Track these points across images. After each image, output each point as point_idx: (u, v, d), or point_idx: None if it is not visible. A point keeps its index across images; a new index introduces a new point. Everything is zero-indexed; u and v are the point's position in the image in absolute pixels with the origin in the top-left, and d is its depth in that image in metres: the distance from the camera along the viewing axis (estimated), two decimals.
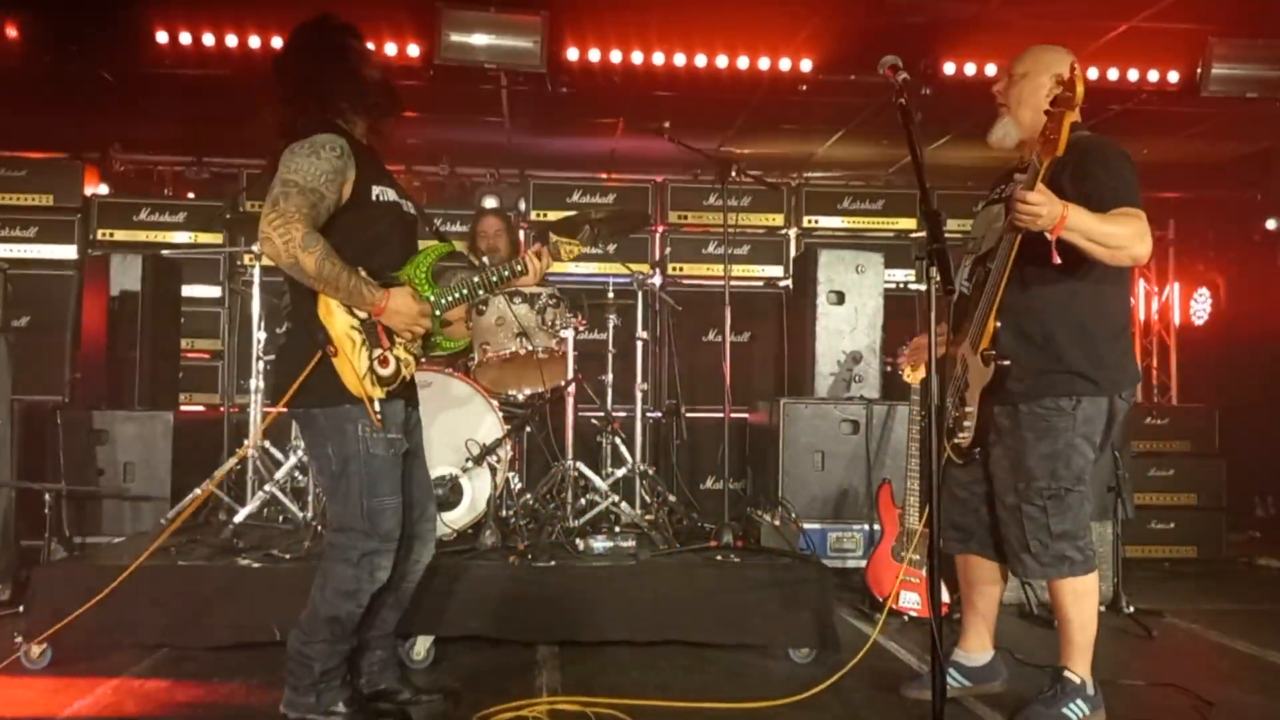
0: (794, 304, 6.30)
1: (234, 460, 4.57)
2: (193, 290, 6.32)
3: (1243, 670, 3.85)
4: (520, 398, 4.54)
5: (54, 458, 4.85)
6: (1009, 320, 2.92)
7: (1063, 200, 2.69)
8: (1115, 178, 2.83)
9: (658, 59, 5.51)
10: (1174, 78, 5.67)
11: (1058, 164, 2.72)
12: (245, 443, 4.60)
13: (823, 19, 5.22)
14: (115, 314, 5.38)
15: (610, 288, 4.84)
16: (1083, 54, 5.44)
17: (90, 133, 6.76)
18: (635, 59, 5.50)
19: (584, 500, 4.47)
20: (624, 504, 4.47)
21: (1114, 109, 5.99)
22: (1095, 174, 2.79)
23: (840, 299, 5.51)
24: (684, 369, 5.92)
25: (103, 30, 5.29)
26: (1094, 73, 5.62)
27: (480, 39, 5.21)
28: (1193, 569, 5.73)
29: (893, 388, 5.31)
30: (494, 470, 4.09)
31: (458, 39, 5.19)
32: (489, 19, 5.15)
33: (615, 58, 5.48)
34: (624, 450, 4.80)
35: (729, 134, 6.76)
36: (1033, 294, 2.92)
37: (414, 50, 5.35)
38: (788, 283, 6.88)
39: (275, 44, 5.24)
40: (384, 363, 2.76)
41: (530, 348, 4.34)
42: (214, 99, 5.85)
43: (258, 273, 4.80)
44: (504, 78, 5.54)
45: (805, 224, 7.24)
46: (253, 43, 5.28)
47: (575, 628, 3.70)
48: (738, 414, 5.71)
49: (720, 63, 5.55)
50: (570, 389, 4.43)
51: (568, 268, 6.80)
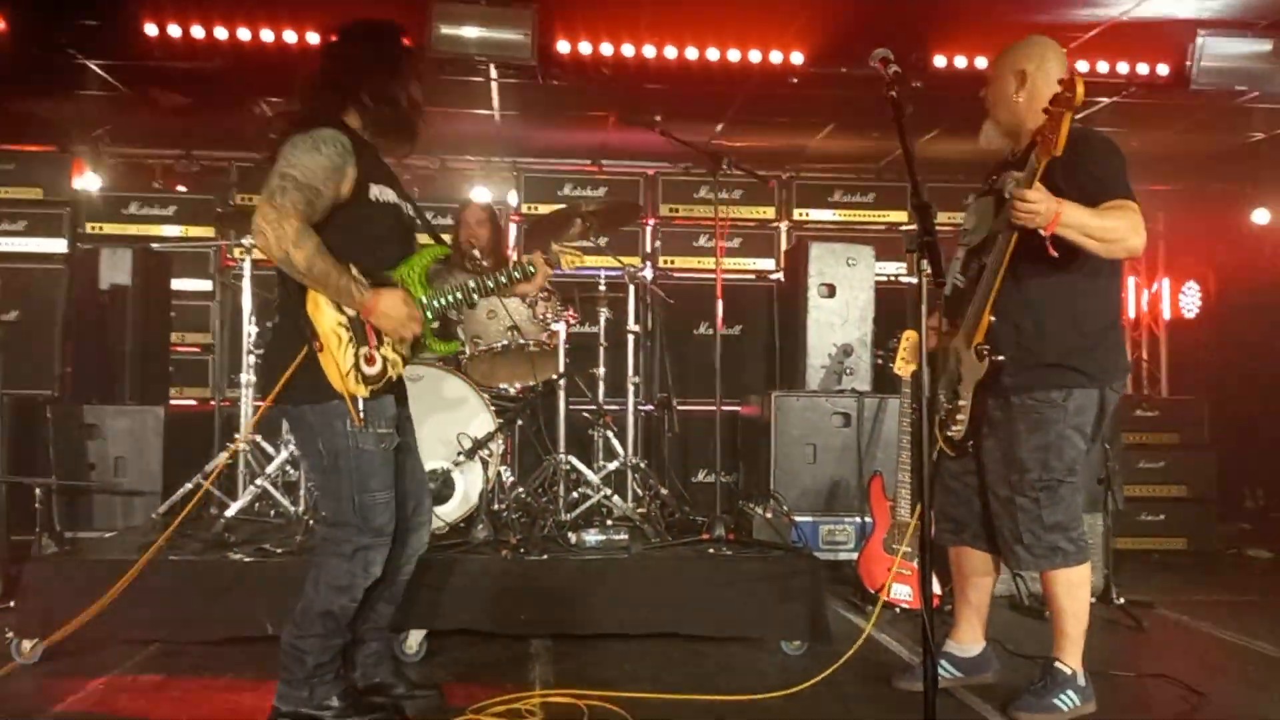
0: (785, 297, 6.30)
1: (226, 455, 4.56)
2: (183, 284, 6.30)
3: (1233, 661, 3.88)
4: (512, 391, 4.54)
5: (44, 452, 4.83)
6: (1002, 314, 2.93)
7: (1057, 197, 2.71)
8: (1106, 170, 2.85)
9: (648, 51, 5.49)
10: (1163, 71, 5.68)
11: (1027, 150, 2.78)
12: (236, 437, 4.59)
13: (813, 11, 5.21)
14: (105, 308, 5.37)
15: (601, 281, 4.83)
16: (1072, 47, 5.51)
17: (79, 126, 6.72)
18: (626, 51, 5.48)
19: (576, 494, 4.47)
20: (616, 497, 4.48)
21: (1103, 101, 6.00)
22: (1086, 167, 2.81)
23: (831, 292, 5.52)
24: (675, 362, 5.91)
25: (92, 22, 5.26)
26: (1084, 65, 5.62)
27: (471, 31, 5.18)
28: (1183, 560, 5.76)
29: (884, 381, 5.32)
30: (486, 464, 4.08)
31: (448, 31, 5.17)
32: (480, 11, 5.13)
33: (606, 50, 5.47)
34: (616, 443, 4.80)
35: (720, 127, 6.75)
36: (1026, 288, 2.93)
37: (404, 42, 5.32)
38: (779, 276, 6.88)
39: (265, 37, 5.22)
40: (370, 361, 2.74)
41: (522, 341, 4.34)
42: (204, 92, 5.83)
43: (248, 266, 4.77)
44: (494, 70, 5.52)
45: (796, 217, 7.24)
46: (242, 35, 5.25)
47: (568, 621, 3.70)
48: (729, 407, 5.71)
49: (711, 55, 5.53)
50: (561, 382, 4.43)
51: None
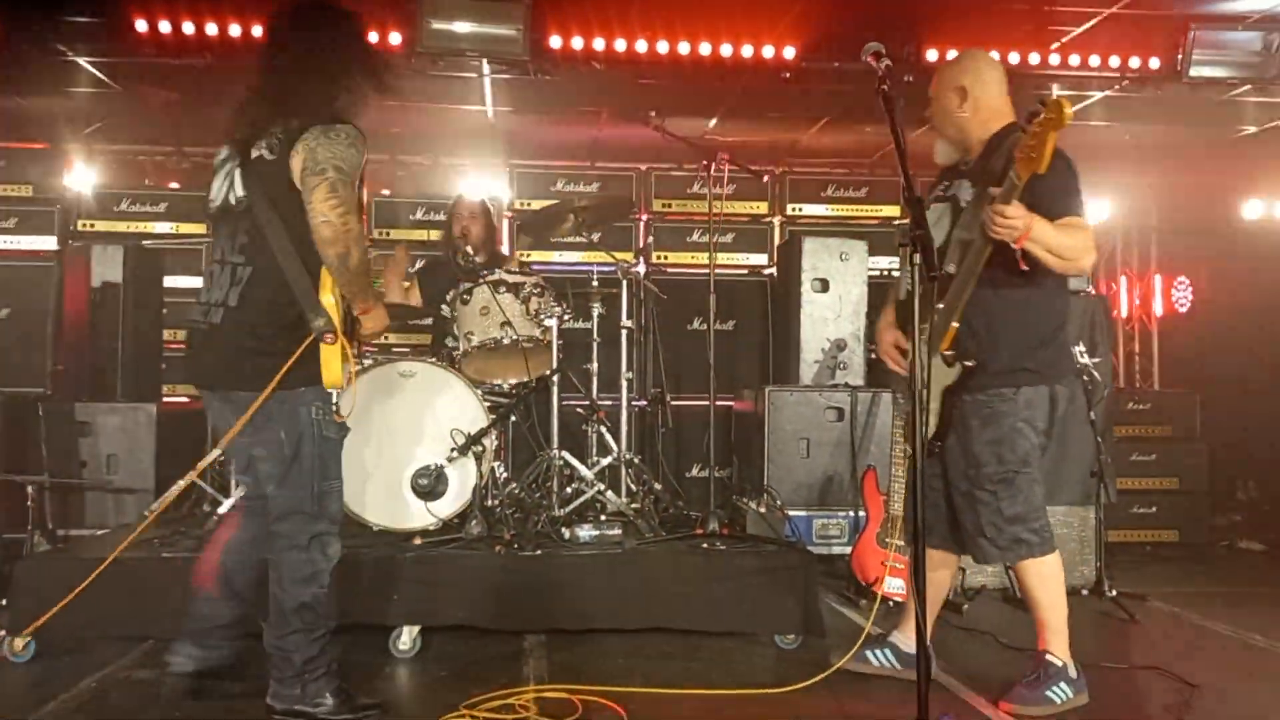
0: (779, 292, 6.30)
1: (217, 451, 4.54)
2: (175, 281, 6.26)
3: (1225, 652, 3.90)
4: (505, 387, 4.53)
5: (36, 450, 4.82)
6: (961, 318, 3.02)
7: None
8: (1065, 187, 2.97)
9: (641, 46, 5.48)
10: (1155, 64, 5.69)
11: (996, 156, 2.94)
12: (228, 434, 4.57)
13: (805, 6, 5.21)
14: (97, 305, 5.34)
15: (595, 276, 4.83)
16: (1065, 40, 5.52)
17: (70, 123, 6.69)
18: (618, 46, 5.47)
19: (570, 489, 4.46)
20: (610, 492, 4.48)
21: (1096, 95, 6.01)
22: (1046, 181, 2.82)
23: (825, 286, 5.52)
24: (669, 357, 5.91)
25: (81, 19, 5.24)
26: (1075, 59, 5.64)
27: (462, 26, 5.17)
28: (1175, 553, 5.78)
29: (877, 375, 5.33)
30: (479, 460, 4.08)
31: (439, 26, 5.16)
32: (471, 6, 5.12)
33: (598, 45, 5.46)
34: (609, 439, 4.79)
35: (713, 122, 6.75)
36: (982, 295, 3.01)
37: (395, 38, 5.31)
38: (772, 270, 6.88)
39: (255, 32, 5.20)
40: (355, 355, 2.84)
41: (515, 337, 4.33)
42: (195, 88, 5.80)
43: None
44: (487, 65, 5.51)
45: (789, 212, 7.23)
46: (233, 31, 5.23)
47: (561, 616, 3.71)
48: (723, 402, 5.71)
49: (703, 50, 5.53)
50: (555, 378, 4.43)
51: (551, 256, 6.79)
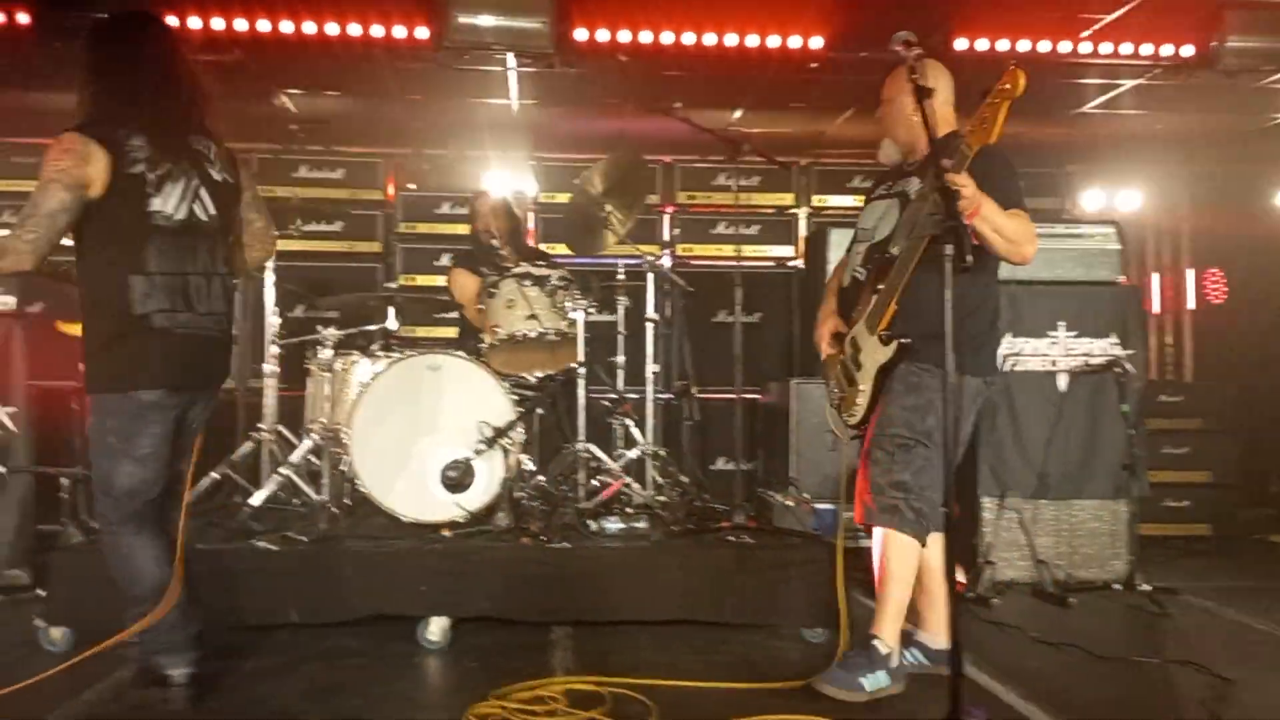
0: (805, 284, 6.28)
1: (250, 444, 4.61)
2: None
3: (1259, 647, 3.85)
4: (531, 380, 4.54)
5: (70, 442, 4.88)
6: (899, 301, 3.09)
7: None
8: (1013, 183, 3.09)
9: (666, 38, 5.46)
10: (1188, 52, 5.60)
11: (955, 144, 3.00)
12: (260, 428, 4.64)
13: None
14: None
15: (620, 269, 4.82)
16: (1096, 28, 5.44)
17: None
18: (644, 38, 5.46)
19: (596, 481, 4.48)
20: (635, 485, 4.48)
21: (1126, 85, 5.94)
22: (994, 179, 2.96)
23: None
24: (694, 350, 5.89)
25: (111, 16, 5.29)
26: (1106, 47, 5.56)
27: (487, 20, 5.17)
28: (1207, 546, 5.72)
29: None
30: (506, 452, 4.10)
31: (465, 20, 5.16)
32: None
33: (624, 37, 5.44)
34: (635, 432, 4.80)
35: (738, 113, 6.72)
36: (921, 280, 3.02)
37: (422, 33, 5.33)
38: (799, 262, 6.85)
39: (285, 29, 5.23)
40: None
41: (541, 330, 4.34)
42: (224, 84, 5.84)
43: (271, 259, 4.80)
44: (511, 59, 5.51)
45: (815, 203, 7.20)
46: (262, 27, 5.26)
47: (588, 608, 3.72)
48: (749, 394, 5.70)
49: (730, 41, 5.50)
50: (581, 371, 4.43)
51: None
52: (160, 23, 3.02)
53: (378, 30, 5.35)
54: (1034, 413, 4.71)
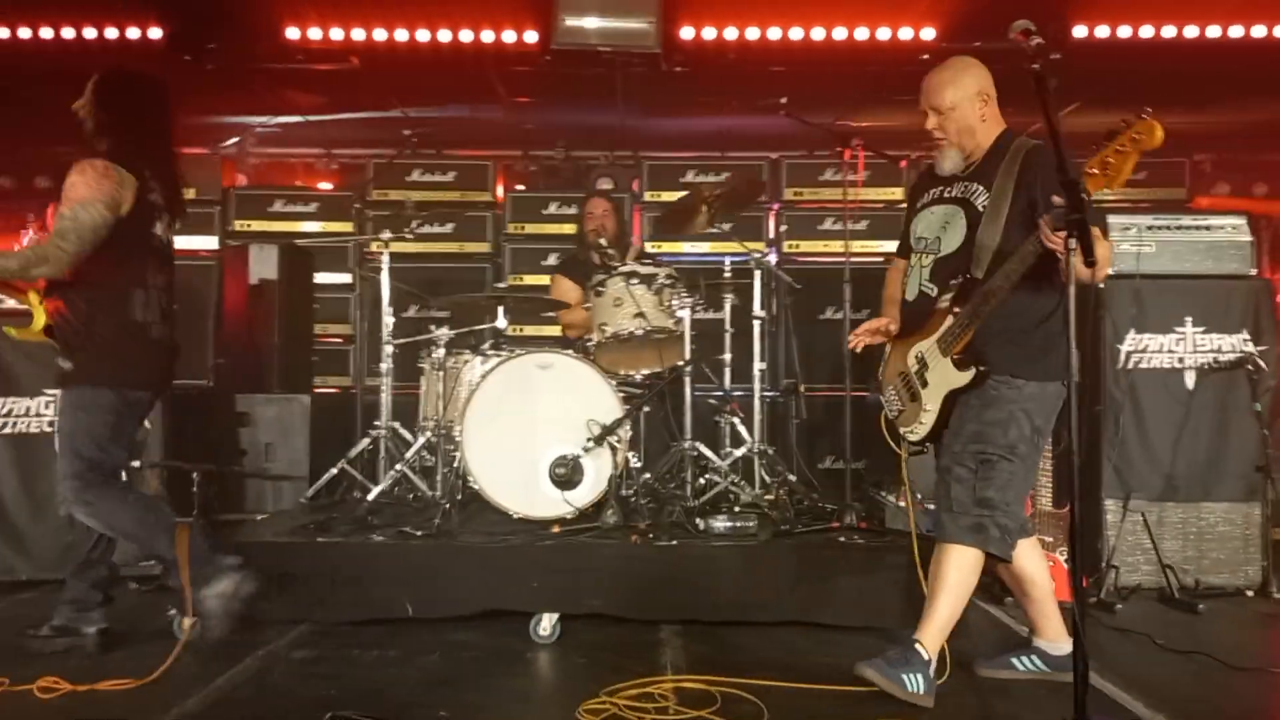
0: None
1: (367, 440, 4.77)
2: (324, 277, 6.55)
3: None
4: (638, 378, 4.57)
5: (199, 439, 5.11)
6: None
7: (1004, 198, 2.90)
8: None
9: (773, 34, 5.43)
10: None
11: (1008, 161, 2.97)
12: (377, 424, 4.79)
13: None
14: (254, 301, 5.62)
15: (727, 267, 4.81)
16: (1215, 8, 5.18)
17: (226, 127, 7.04)
18: (750, 35, 5.44)
19: (703, 480, 4.47)
20: (743, 483, 4.47)
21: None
22: (1051, 183, 2.74)
23: None
24: (802, 347, 5.84)
25: (236, 28, 5.52)
26: (1237, 29, 5.31)
27: (593, 22, 5.22)
28: None
29: None
30: (614, 450, 4.13)
31: (572, 23, 5.22)
32: (604, 1, 5.16)
33: (730, 34, 5.43)
34: (742, 430, 4.78)
35: (845, 107, 6.61)
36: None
37: (531, 36, 5.42)
38: None
39: (399, 37, 5.38)
40: None
41: (648, 328, 4.36)
42: (342, 91, 6.04)
43: (386, 259, 4.95)
44: (618, 60, 5.55)
45: None
46: (378, 35, 5.42)
47: (697, 607, 3.72)
48: (858, 392, 5.61)
49: (838, 35, 5.44)
50: (688, 369, 4.44)
51: (682, 247, 6.80)
52: (163, 83, 3.58)
53: (488, 35, 5.46)
54: (1160, 412, 4.53)
